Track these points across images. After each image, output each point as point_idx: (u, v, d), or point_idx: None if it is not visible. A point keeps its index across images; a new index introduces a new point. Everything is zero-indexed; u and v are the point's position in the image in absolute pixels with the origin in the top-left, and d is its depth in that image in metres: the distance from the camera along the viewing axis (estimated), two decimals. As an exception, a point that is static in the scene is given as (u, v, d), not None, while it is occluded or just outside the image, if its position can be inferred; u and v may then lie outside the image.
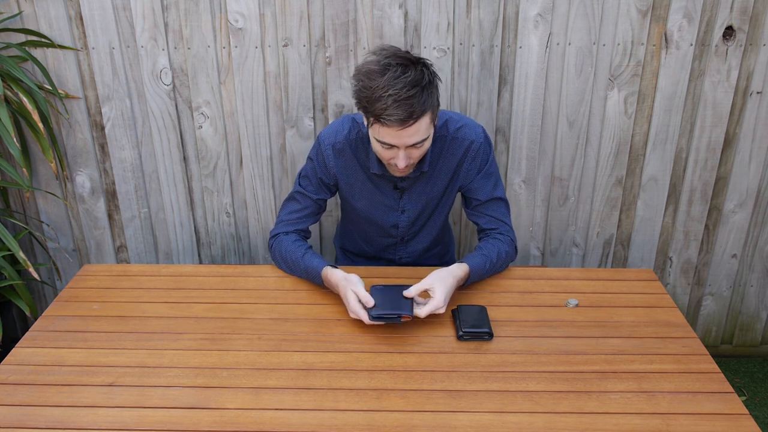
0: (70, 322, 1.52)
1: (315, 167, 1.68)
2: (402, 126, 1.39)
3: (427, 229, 1.77)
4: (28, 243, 2.25)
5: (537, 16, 1.89)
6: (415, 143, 1.45)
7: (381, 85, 1.38)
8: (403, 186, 1.66)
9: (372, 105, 1.40)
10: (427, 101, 1.41)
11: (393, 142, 1.43)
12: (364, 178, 1.67)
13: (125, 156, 2.10)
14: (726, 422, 1.20)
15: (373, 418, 1.22)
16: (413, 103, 1.37)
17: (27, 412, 1.24)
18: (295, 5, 1.89)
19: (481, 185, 1.67)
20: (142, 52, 1.95)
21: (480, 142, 1.63)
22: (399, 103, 1.36)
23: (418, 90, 1.38)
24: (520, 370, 1.34)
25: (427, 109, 1.41)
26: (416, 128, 1.41)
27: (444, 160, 1.65)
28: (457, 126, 1.63)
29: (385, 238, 1.78)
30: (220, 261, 2.27)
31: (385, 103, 1.37)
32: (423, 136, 1.44)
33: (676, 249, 2.21)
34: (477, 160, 1.65)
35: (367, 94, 1.40)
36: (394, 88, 1.36)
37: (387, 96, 1.36)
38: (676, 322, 1.50)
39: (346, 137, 1.64)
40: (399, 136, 1.42)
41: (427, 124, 1.44)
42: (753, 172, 2.07)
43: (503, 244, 1.67)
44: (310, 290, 1.63)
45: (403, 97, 1.36)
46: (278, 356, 1.39)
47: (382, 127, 1.42)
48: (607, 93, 1.98)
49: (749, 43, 1.90)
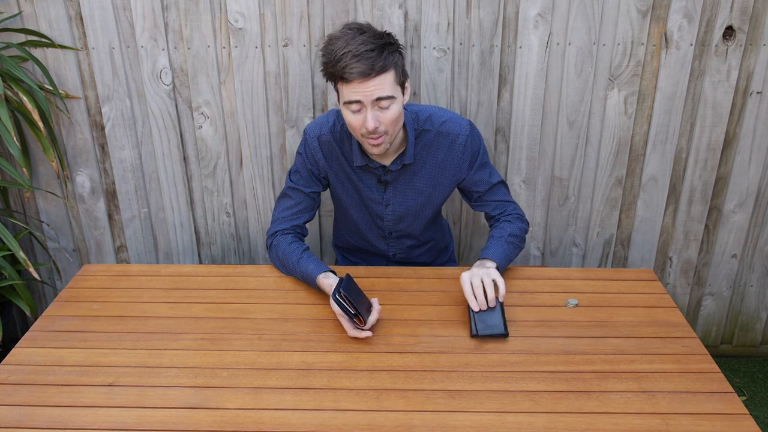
0: (70, 322, 1.52)
1: (305, 160, 1.69)
2: (363, 78, 1.43)
3: (416, 224, 1.77)
4: (28, 243, 2.25)
5: (537, 16, 1.89)
6: (380, 98, 1.46)
7: (340, 45, 1.43)
8: (386, 179, 1.68)
9: (334, 66, 1.44)
10: (388, 59, 1.45)
11: (357, 98, 1.45)
12: (349, 171, 1.69)
13: (125, 156, 2.10)
14: (726, 422, 1.20)
15: (373, 418, 1.22)
16: (372, 57, 1.42)
17: (27, 412, 1.24)
18: (295, 5, 1.89)
19: (478, 178, 1.70)
20: (142, 52, 1.95)
21: (466, 136, 1.65)
22: (358, 57, 1.41)
23: (376, 47, 1.43)
24: (520, 370, 1.34)
25: (388, 66, 1.45)
26: (379, 82, 1.44)
27: (429, 154, 1.66)
28: (442, 120, 1.65)
29: (374, 230, 1.79)
30: (220, 261, 2.27)
31: (345, 60, 1.41)
32: (388, 92, 1.46)
33: (676, 249, 2.21)
34: (467, 155, 1.66)
35: (329, 59, 1.45)
36: (353, 44, 1.42)
37: (347, 53, 1.42)
38: (676, 322, 1.50)
39: (330, 129, 1.66)
40: (362, 90, 1.44)
41: (392, 82, 1.47)
42: (753, 172, 2.07)
43: (512, 223, 1.71)
44: (310, 290, 1.63)
45: (361, 51, 1.41)
46: (278, 356, 1.39)
47: (346, 85, 1.45)
48: (607, 93, 1.98)
49: (749, 43, 1.90)
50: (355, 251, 1.90)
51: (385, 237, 1.80)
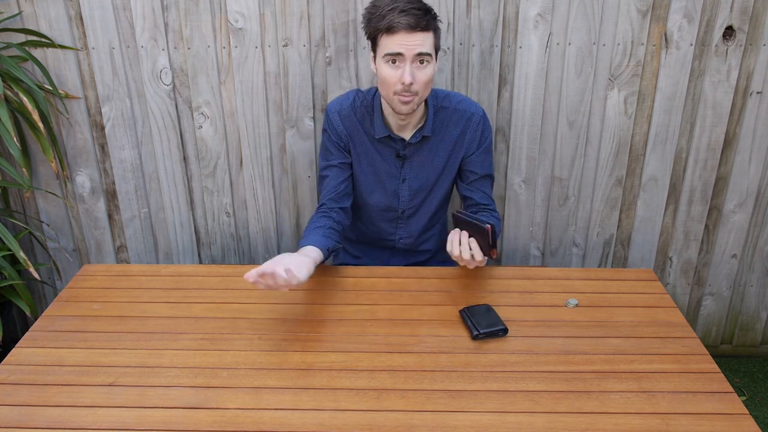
0: (70, 322, 1.52)
1: (330, 136, 1.74)
2: (410, 30, 1.48)
3: (427, 203, 1.80)
4: (28, 243, 2.25)
5: (537, 16, 1.89)
6: (422, 54, 1.51)
7: (387, 2, 1.50)
8: (405, 154, 1.72)
9: (380, 21, 1.50)
10: (431, 22, 1.51)
11: (400, 50, 1.50)
12: (369, 145, 1.73)
13: (125, 156, 2.10)
14: (726, 422, 1.20)
15: (373, 418, 1.22)
16: (419, 14, 1.48)
17: (27, 412, 1.24)
18: (295, 5, 1.89)
19: (481, 159, 1.76)
20: (142, 52, 1.95)
21: (480, 116, 1.73)
22: (406, 11, 1.48)
23: (422, 8, 1.50)
24: (520, 370, 1.34)
25: (430, 27, 1.51)
26: (423, 38, 1.50)
27: (446, 130, 1.72)
28: (459, 99, 1.74)
29: (386, 212, 1.81)
30: (220, 261, 2.27)
31: (392, 14, 1.48)
32: (428, 49, 1.52)
33: (676, 249, 2.21)
34: (478, 133, 1.73)
35: (376, 13, 1.51)
36: (401, 1, 1.49)
37: (394, 8, 1.48)
38: (676, 322, 1.50)
39: (351, 105, 1.73)
40: (407, 41, 1.49)
41: (432, 43, 1.53)
42: (753, 172, 2.07)
43: (498, 221, 1.79)
44: (310, 290, 1.63)
45: (408, 7, 1.48)
46: (278, 356, 1.39)
47: (390, 36, 1.50)
48: (607, 93, 1.98)
49: (749, 43, 1.90)
50: (357, 243, 1.92)
51: (395, 219, 1.82)
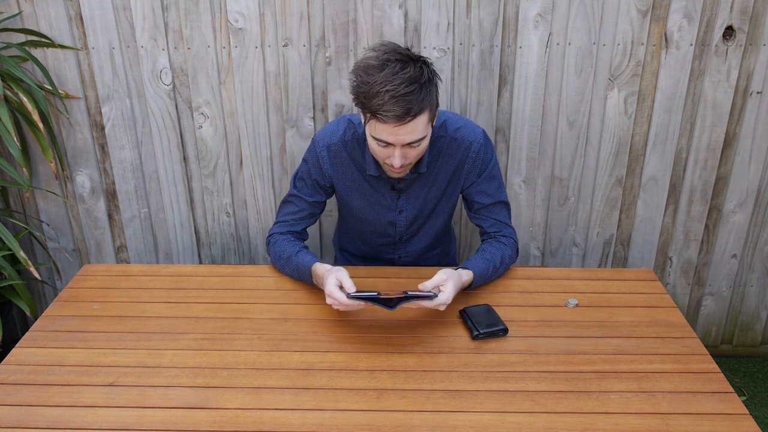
0: (70, 322, 1.52)
1: (310, 169, 1.67)
2: (399, 122, 1.38)
3: (426, 228, 1.76)
4: (28, 243, 2.25)
5: (537, 16, 1.89)
6: (412, 142, 1.43)
7: (379, 80, 1.36)
8: (400, 187, 1.66)
9: (369, 101, 1.38)
10: (426, 99, 1.39)
11: (389, 140, 1.42)
12: (361, 180, 1.67)
13: (125, 156, 2.10)
14: (726, 422, 1.20)
15: (373, 418, 1.22)
16: (411, 99, 1.36)
17: (27, 412, 1.24)
18: (295, 5, 1.89)
19: (483, 189, 1.67)
20: (142, 52, 1.95)
21: (480, 143, 1.62)
22: (396, 99, 1.35)
23: (416, 87, 1.37)
24: (520, 370, 1.34)
25: (424, 108, 1.40)
26: (413, 126, 1.40)
27: (443, 161, 1.64)
28: (456, 127, 1.62)
29: (382, 238, 1.77)
30: (220, 261, 2.27)
31: (383, 98, 1.35)
32: (420, 134, 1.43)
33: (676, 249, 2.21)
34: (478, 163, 1.64)
35: (364, 90, 1.39)
36: (392, 83, 1.35)
37: (384, 92, 1.35)
38: (676, 322, 1.50)
39: (341, 138, 1.63)
40: (395, 133, 1.40)
41: (425, 123, 1.43)
42: (753, 172, 2.07)
43: (507, 248, 1.67)
44: (310, 290, 1.63)
45: (400, 93, 1.35)
46: (278, 356, 1.39)
47: (378, 123, 1.40)
48: (607, 93, 1.98)
49: (749, 43, 1.90)
50: (358, 257, 1.89)
51: (394, 243, 1.78)
